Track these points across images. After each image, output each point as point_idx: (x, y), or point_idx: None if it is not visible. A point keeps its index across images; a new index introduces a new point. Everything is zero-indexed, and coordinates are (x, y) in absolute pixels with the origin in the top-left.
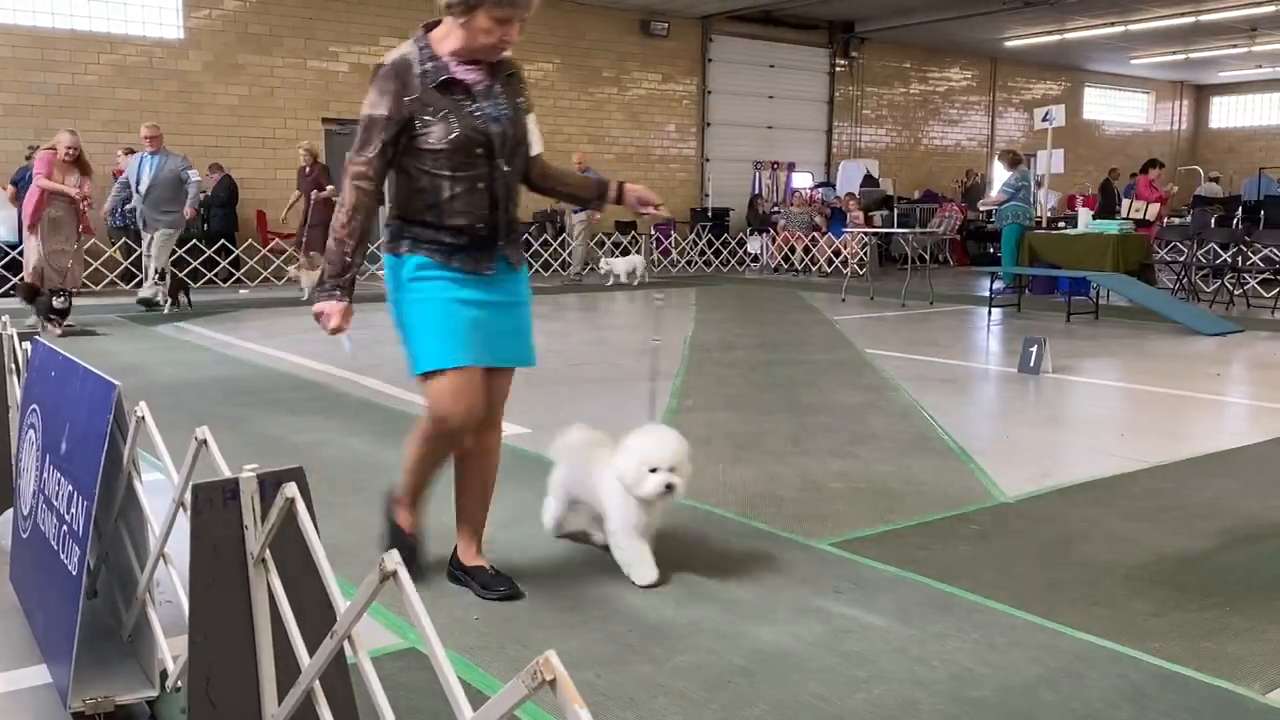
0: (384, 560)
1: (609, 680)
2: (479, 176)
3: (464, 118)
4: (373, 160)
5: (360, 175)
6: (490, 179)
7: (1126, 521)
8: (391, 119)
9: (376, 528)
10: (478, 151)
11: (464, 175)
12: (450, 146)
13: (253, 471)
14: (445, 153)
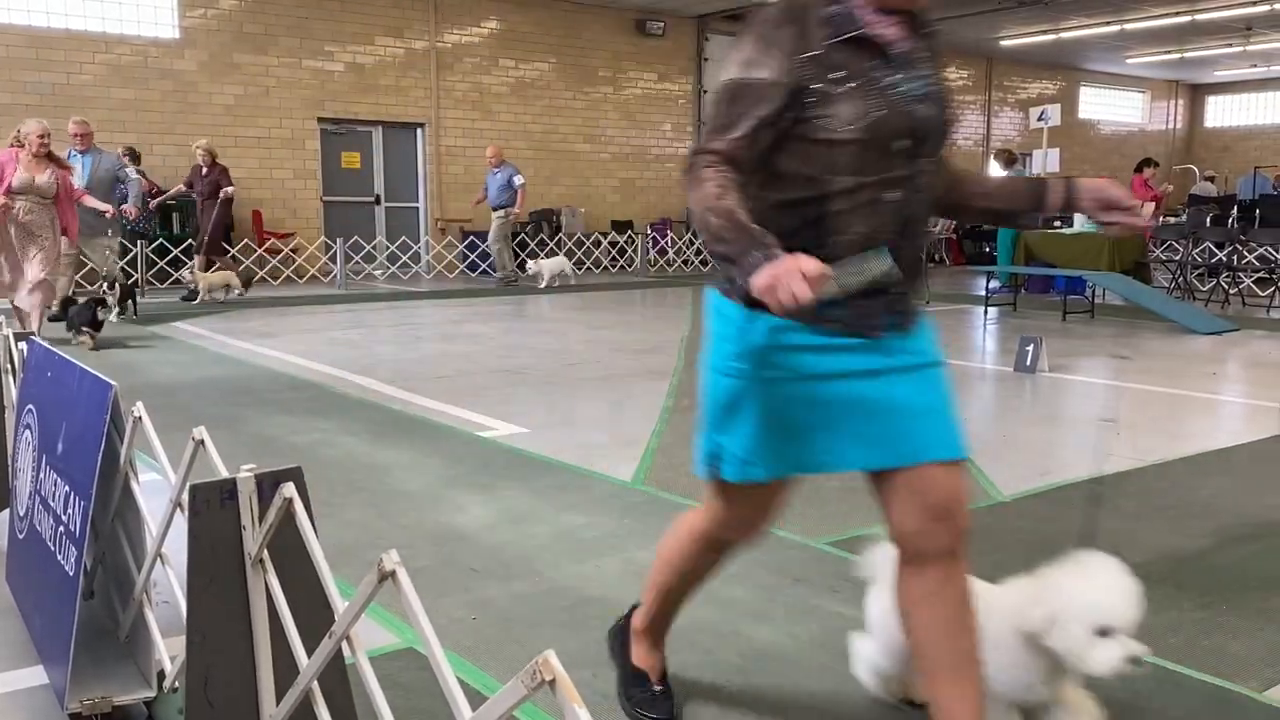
0: (382, 560)
1: (606, 680)
2: (891, 183)
3: (883, 94)
4: (740, 143)
5: (718, 161)
6: (907, 188)
7: (1122, 520)
8: (779, 85)
9: (374, 528)
10: (898, 146)
11: (870, 181)
12: (864, 136)
13: (250, 471)
14: (851, 146)
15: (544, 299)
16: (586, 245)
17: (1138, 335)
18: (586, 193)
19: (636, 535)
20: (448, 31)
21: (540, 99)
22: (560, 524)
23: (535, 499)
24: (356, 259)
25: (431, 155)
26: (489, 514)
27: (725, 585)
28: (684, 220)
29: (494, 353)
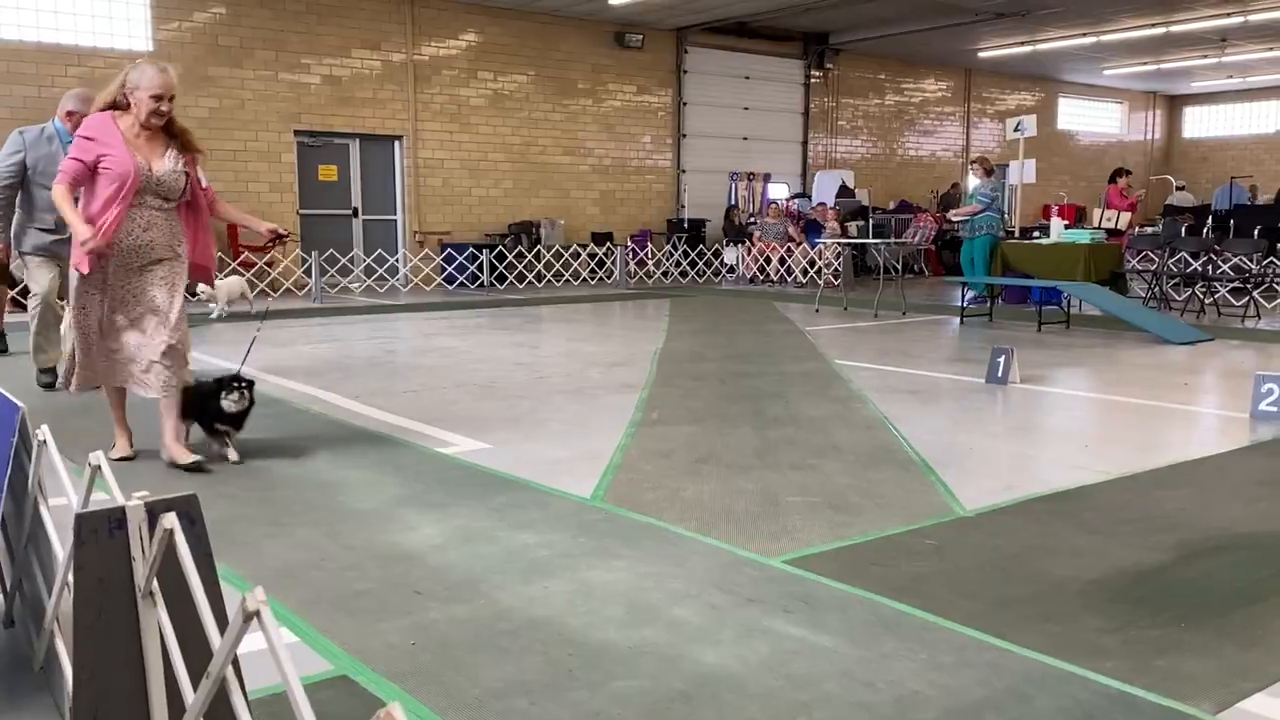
0: (245, 599)
1: (543, 708)
2: None
3: None
4: None
5: None
6: None
7: (1086, 535)
8: None
9: (321, 548)
10: None
11: None
12: None
13: (141, 499)
14: None
15: (512, 316)
16: (565, 257)
17: (1113, 346)
18: (566, 205)
19: (590, 554)
20: (425, 44)
21: (519, 111)
22: (512, 543)
23: (489, 517)
24: (332, 271)
25: (409, 168)
26: (440, 533)
27: (673, 605)
28: (664, 232)
29: (464, 366)
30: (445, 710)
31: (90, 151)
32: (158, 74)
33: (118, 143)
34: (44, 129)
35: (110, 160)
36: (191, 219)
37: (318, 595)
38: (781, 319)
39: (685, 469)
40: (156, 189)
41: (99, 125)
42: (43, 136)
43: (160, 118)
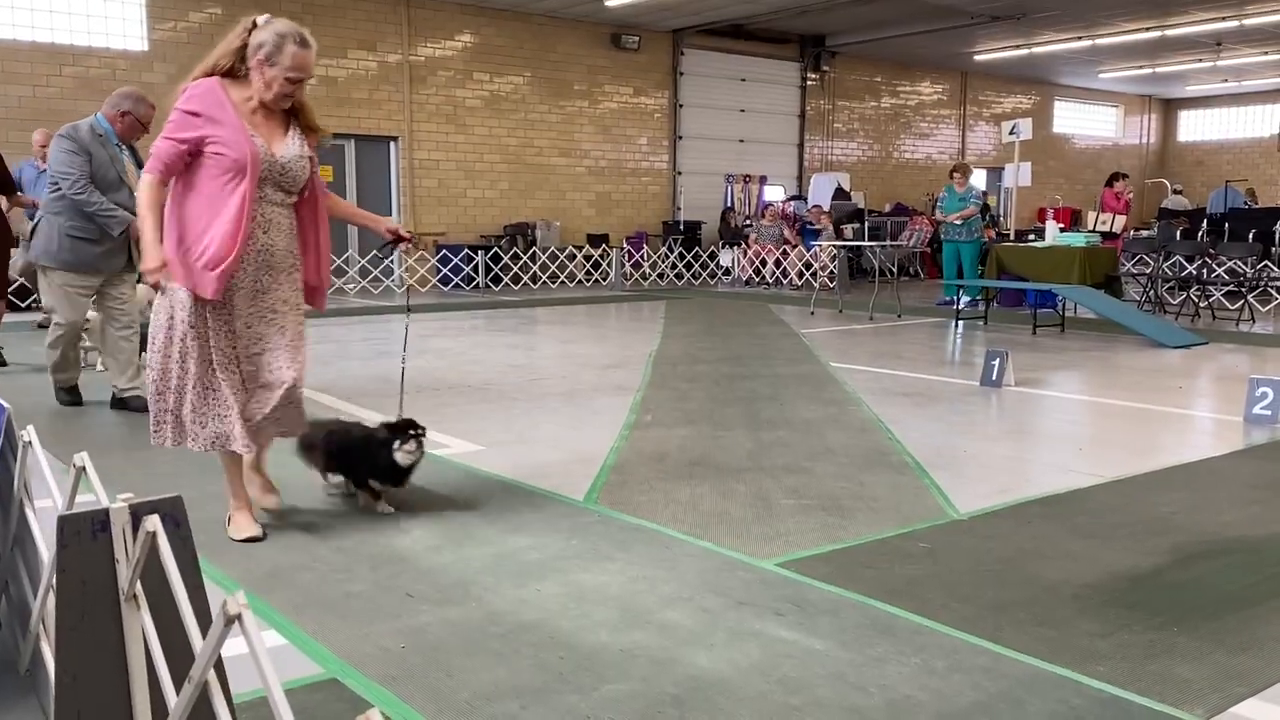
0: (226, 603)
1: (533, 712)
2: None
3: None
4: None
5: None
6: None
7: (1079, 538)
8: None
9: (312, 550)
10: None
11: None
12: None
13: (125, 501)
14: None
15: (507, 318)
16: (561, 259)
17: (1107, 349)
18: (562, 206)
19: (582, 557)
20: (421, 45)
21: (515, 112)
22: (504, 546)
23: (481, 520)
24: None
25: (405, 169)
26: (431, 536)
27: (665, 608)
28: (660, 234)
29: (458, 368)
30: (435, 714)
31: (193, 129)
32: (299, 51)
33: (231, 119)
34: (91, 126)
35: (221, 142)
36: (309, 219)
37: (308, 598)
38: (777, 321)
39: (679, 471)
40: (279, 179)
41: (206, 96)
42: (93, 135)
43: (289, 101)
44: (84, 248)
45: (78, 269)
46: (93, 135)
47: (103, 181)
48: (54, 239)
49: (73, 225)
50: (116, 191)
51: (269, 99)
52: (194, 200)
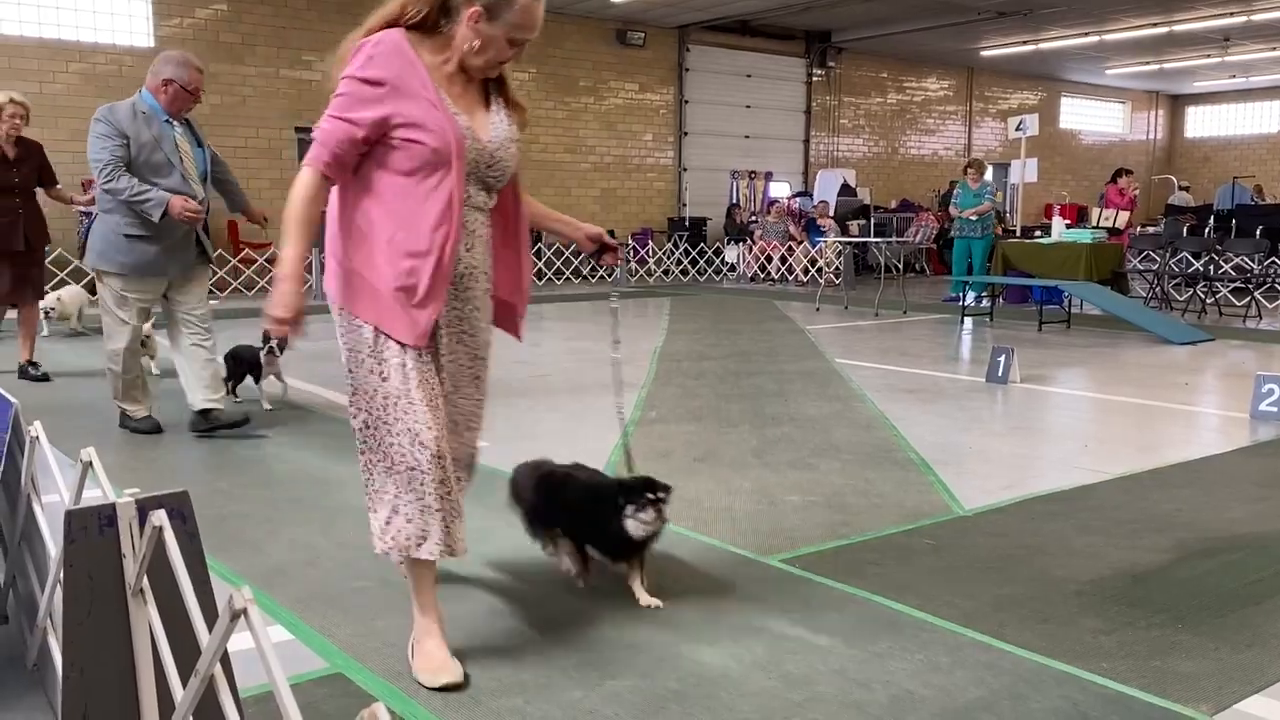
0: (232, 597)
1: (537, 707)
2: None
3: None
4: None
5: None
6: None
7: (1083, 535)
8: None
9: (315, 546)
10: None
11: None
12: None
13: (131, 496)
14: None
15: None
16: (566, 255)
17: (1113, 345)
18: (567, 203)
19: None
20: None
21: None
22: (508, 542)
23: (485, 516)
24: None
25: None
26: None
27: (669, 603)
28: (665, 231)
29: None
30: (441, 709)
31: (375, 105)
32: (532, 4)
33: (426, 90)
34: (133, 105)
35: (416, 123)
36: (509, 225)
37: (313, 592)
38: (782, 318)
39: (683, 468)
40: (485, 173)
41: (393, 58)
42: (135, 115)
43: (499, 70)
44: (142, 247)
45: (139, 272)
46: (133, 114)
47: (147, 166)
48: (109, 240)
49: (128, 222)
50: (166, 177)
51: (478, 65)
52: (375, 207)
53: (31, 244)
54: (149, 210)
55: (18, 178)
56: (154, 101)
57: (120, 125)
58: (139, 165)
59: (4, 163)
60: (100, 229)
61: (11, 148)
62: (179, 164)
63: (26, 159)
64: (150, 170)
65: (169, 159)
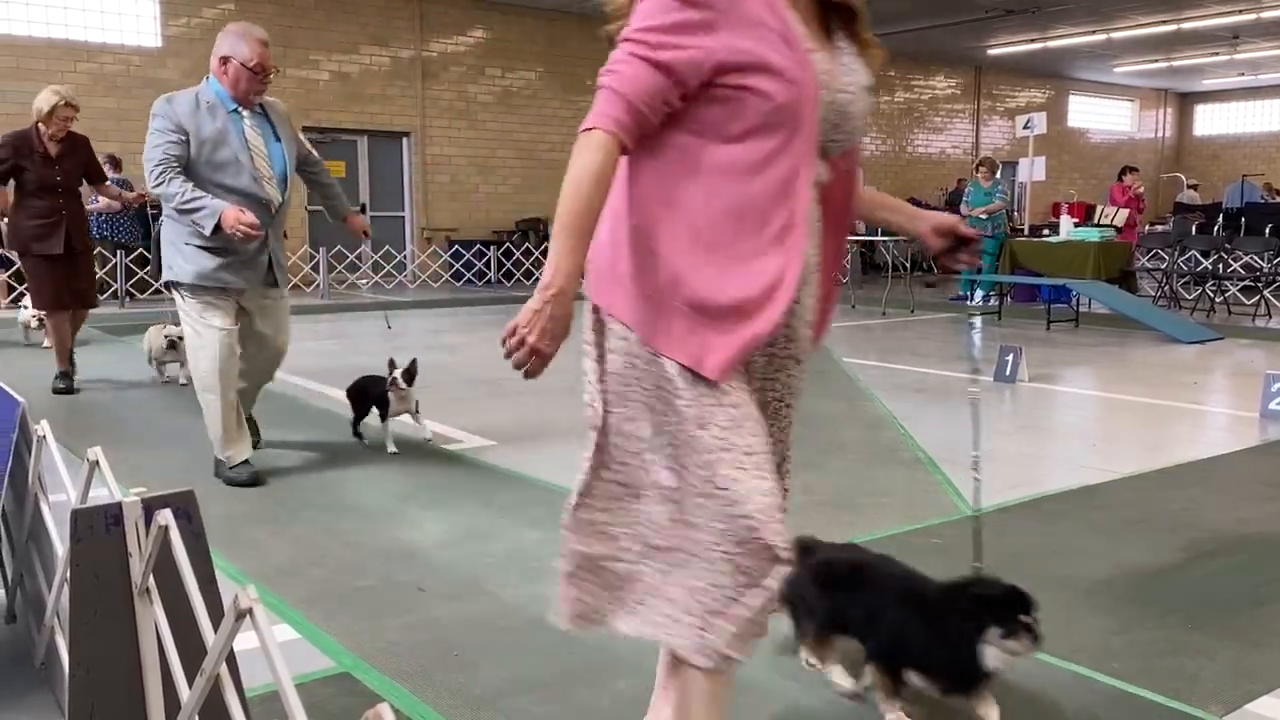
0: (237, 597)
1: (545, 708)
2: None
3: None
4: None
5: None
6: None
7: (1092, 534)
8: None
9: (321, 545)
10: None
11: None
12: None
13: (138, 496)
14: None
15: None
16: None
17: (1122, 344)
18: None
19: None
20: (434, 41)
21: (527, 108)
22: (517, 541)
23: (494, 514)
24: (340, 268)
25: (417, 165)
26: (443, 530)
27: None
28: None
29: (471, 363)
30: (448, 709)
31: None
32: None
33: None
34: (196, 93)
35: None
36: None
37: (320, 592)
38: None
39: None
40: (832, 134)
41: None
42: (198, 106)
43: None
44: (203, 259)
45: (205, 285)
46: (195, 105)
47: (210, 165)
48: (175, 247)
49: (189, 230)
50: (233, 178)
51: None
52: (689, 188)
53: (74, 248)
54: (200, 221)
55: (60, 175)
56: (220, 88)
57: (178, 118)
58: (201, 165)
59: (45, 160)
60: (166, 235)
61: (56, 145)
62: (249, 162)
63: (70, 154)
64: (214, 170)
65: (236, 156)
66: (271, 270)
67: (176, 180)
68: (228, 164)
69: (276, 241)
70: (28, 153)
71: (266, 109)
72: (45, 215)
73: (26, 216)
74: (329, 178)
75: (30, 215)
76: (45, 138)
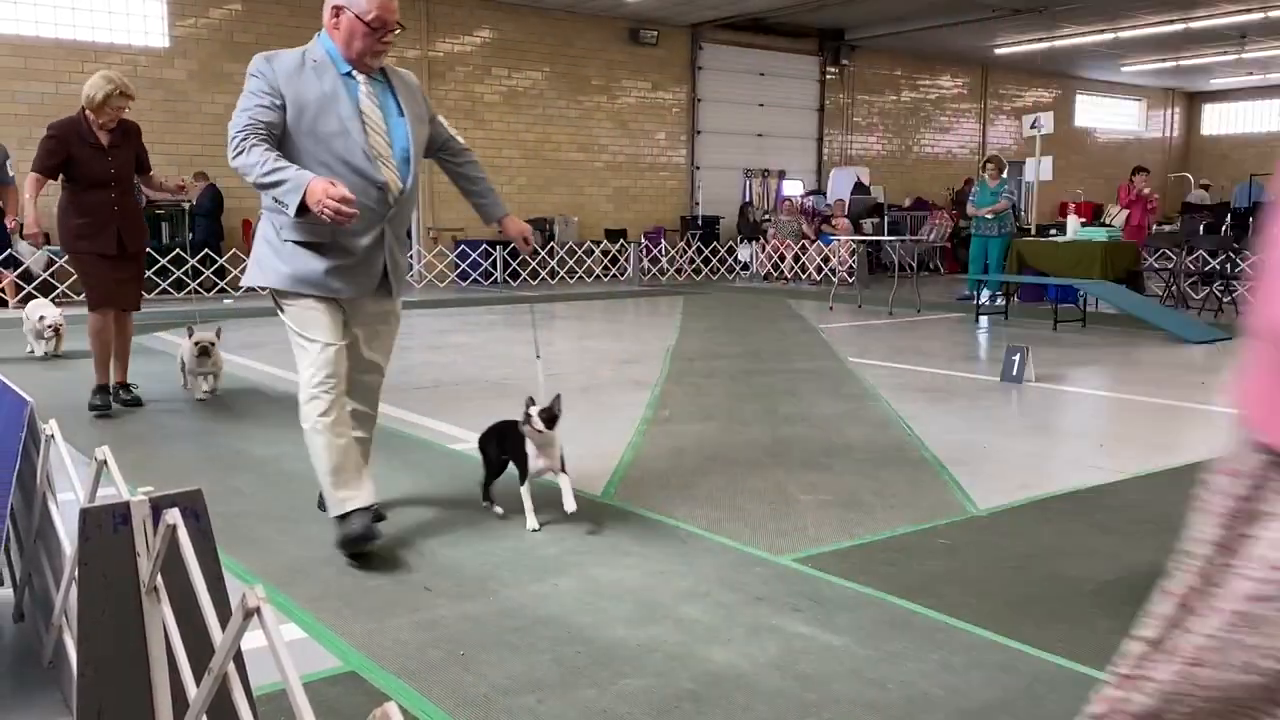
0: (245, 596)
1: (550, 706)
2: None
3: None
4: None
5: None
6: None
7: (1100, 535)
8: None
9: (331, 543)
10: None
11: None
12: None
13: (145, 495)
14: None
15: (525, 313)
16: (579, 254)
17: (1130, 344)
18: (580, 201)
19: (599, 551)
20: (440, 40)
21: (533, 108)
22: (522, 540)
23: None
24: None
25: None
26: (449, 530)
27: (682, 603)
28: (678, 229)
29: (477, 363)
30: (453, 708)
31: None
32: None
33: None
34: (304, 53)
35: None
36: None
37: (327, 591)
38: (795, 316)
39: (696, 467)
40: None
41: None
42: (303, 65)
43: None
44: (305, 260)
45: (307, 284)
46: (300, 64)
47: (312, 136)
48: (269, 243)
49: (289, 223)
50: (340, 155)
51: None
52: None
53: (126, 246)
54: (282, 198)
55: (113, 168)
56: (331, 45)
57: (275, 80)
58: (302, 134)
59: (97, 151)
60: (261, 230)
61: (107, 134)
62: (360, 135)
63: (122, 144)
64: (316, 143)
65: (344, 126)
66: (387, 276)
67: (258, 148)
68: (334, 136)
69: (396, 240)
70: (79, 144)
71: (390, 77)
72: (96, 212)
73: (77, 213)
74: (478, 170)
75: (81, 212)
76: (95, 126)
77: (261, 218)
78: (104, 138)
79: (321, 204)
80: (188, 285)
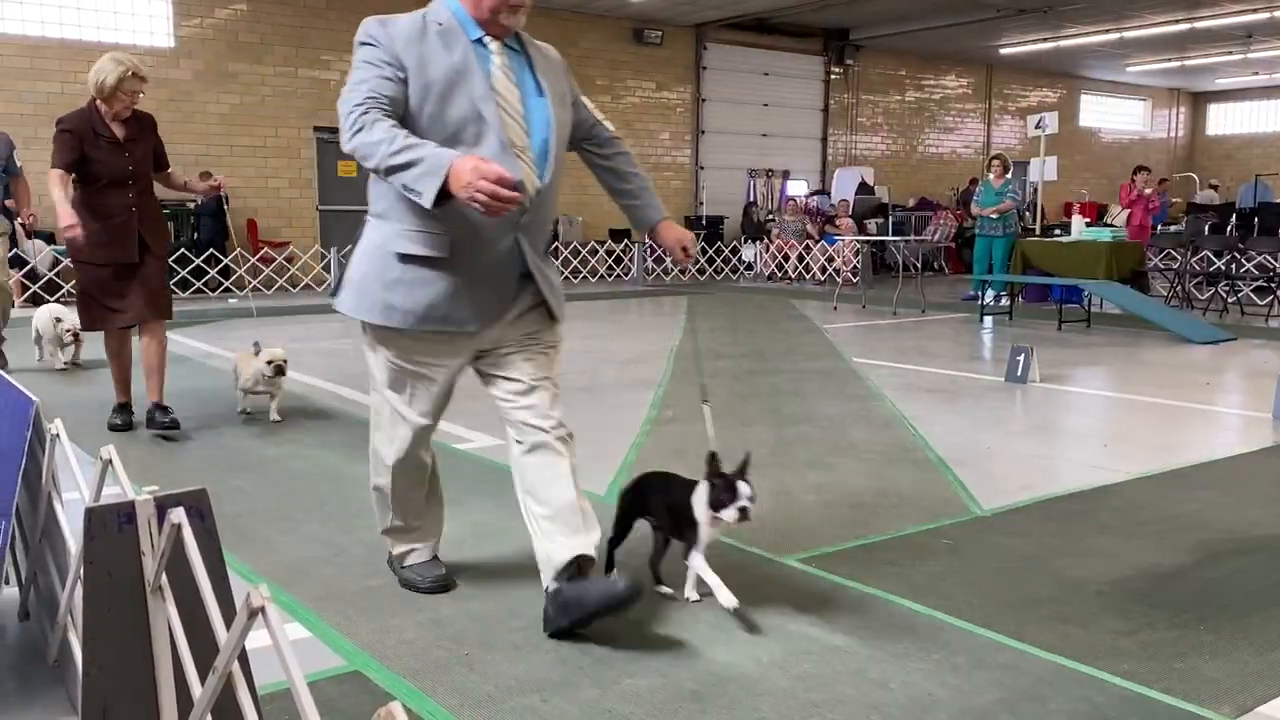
0: (249, 595)
1: (554, 705)
2: None
3: None
4: None
5: None
6: None
7: (1103, 535)
8: None
9: (334, 543)
10: None
11: None
12: None
13: (150, 494)
14: None
15: None
16: (583, 254)
17: (1135, 344)
18: (584, 201)
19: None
20: None
21: None
22: (527, 540)
23: (504, 513)
24: None
25: None
26: (454, 529)
27: (687, 605)
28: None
29: None
30: (457, 707)
31: None
32: None
33: None
34: (424, 16)
35: None
36: None
37: (331, 590)
38: (799, 317)
39: (700, 467)
40: None
41: None
42: (425, 30)
43: None
44: (427, 277)
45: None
46: (422, 29)
47: (435, 119)
48: (374, 263)
49: (407, 231)
50: (469, 141)
51: None
52: None
53: (150, 249)
54: (415, 185)
55: (131, 164)
56: (458, 5)
57: (393, 47)
58: (423, 116)
59: (113, 146)
60: (364, 243)
61: (121, 126)
62: (496, 120)
63: (139, 138)
64: (441, 126)
65: (477, 110)
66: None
67: (383, 123)
68: (465, 119)
69: (535, 253)
70: (92, 139)
71: (527, 47)
72: (115, 214)
73: (93, 217)
74: (630, 165)
75: (99, 215)
76: (108, 118)
77: (367, 225)
78: (119, 130)
79: (472, 188)
80: (193, 285)
